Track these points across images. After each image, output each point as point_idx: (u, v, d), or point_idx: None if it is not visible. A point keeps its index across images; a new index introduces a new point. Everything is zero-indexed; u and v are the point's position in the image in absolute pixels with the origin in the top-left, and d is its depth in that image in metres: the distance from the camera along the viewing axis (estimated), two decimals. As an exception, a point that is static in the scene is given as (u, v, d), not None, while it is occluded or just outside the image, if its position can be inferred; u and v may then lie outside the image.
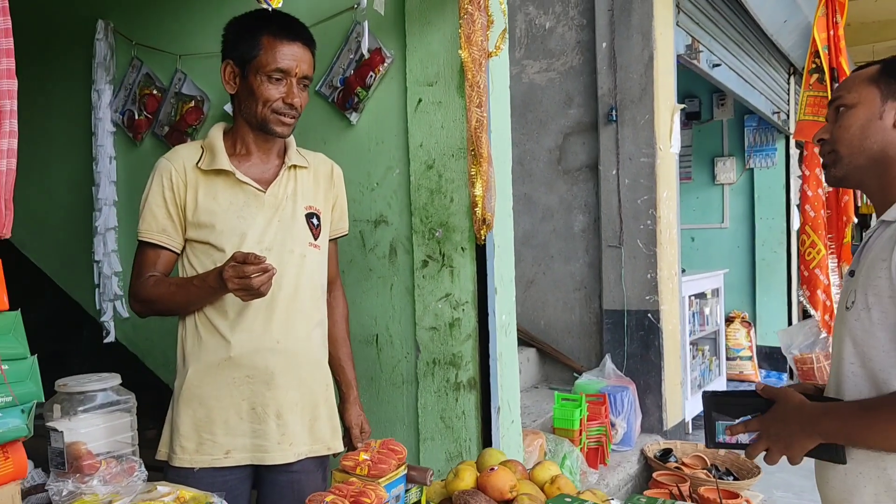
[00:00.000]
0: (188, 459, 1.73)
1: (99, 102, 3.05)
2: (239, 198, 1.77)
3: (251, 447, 1.75)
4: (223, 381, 1.74)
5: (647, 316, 4.38)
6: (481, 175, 2.17)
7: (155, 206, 1.77)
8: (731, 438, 1.45)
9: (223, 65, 1.79)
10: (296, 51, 1.74)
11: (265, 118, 1.75)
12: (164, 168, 1.78)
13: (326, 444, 1.85)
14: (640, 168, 4.32)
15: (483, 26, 2.18)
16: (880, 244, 1.32)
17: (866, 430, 1.26)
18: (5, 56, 1.03)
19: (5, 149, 1.03)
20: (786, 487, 4.21)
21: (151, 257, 1.79)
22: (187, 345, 1.78)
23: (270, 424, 1.75)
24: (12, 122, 1.03)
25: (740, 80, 5.69)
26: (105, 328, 3.16)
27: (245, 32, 1.75)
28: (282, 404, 1.77)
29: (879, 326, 1.27)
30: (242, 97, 1.77)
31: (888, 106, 1.37)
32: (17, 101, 1.03)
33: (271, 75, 1.72)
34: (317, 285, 1.88)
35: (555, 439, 3.34)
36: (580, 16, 4.51)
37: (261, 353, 1.75)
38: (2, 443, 1.16)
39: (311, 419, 1.83)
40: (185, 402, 1.75)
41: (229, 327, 1.74)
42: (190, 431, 1.74)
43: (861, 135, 1.38)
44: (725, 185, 7.49)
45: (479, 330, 2.37)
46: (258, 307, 1.74)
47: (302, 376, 1.81)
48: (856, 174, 1.43)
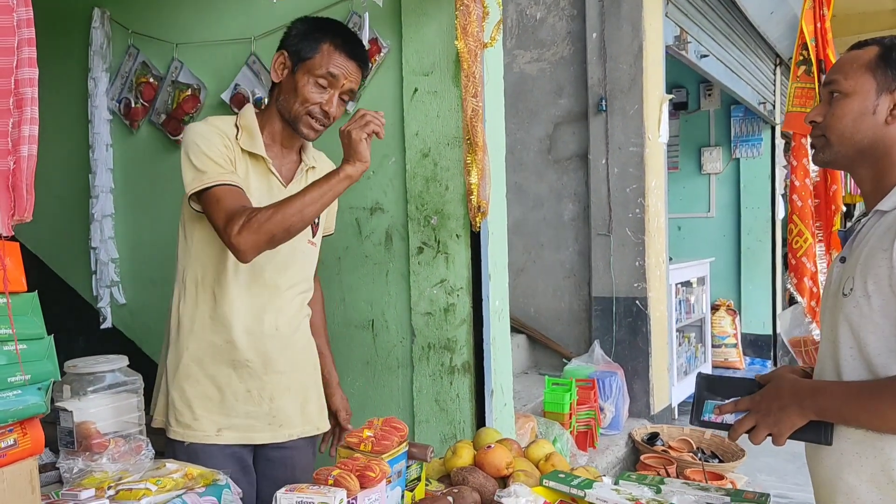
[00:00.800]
0: (181, 433, 1.79)
1: (95, 90, 3.07)
2: (264, 185, 1.82)
3: (243, 427, 1.82)
4: (223, 363, 1.80)
5: (634, 303, 4.45)
6: (476, 163, 2.22)
7: (216, 156, 1.71)
8: (717, 418, 1.46)
9: (277, 53, 1.82)
10: (350, 66, 1.80)
11: (298, 117, 1.79)
12: (208, 130, 1.75)
13: (316, 425, 1.95)
14: (629, 157, 4.39)
15: (479, 17, 2.22)
16: (878, 233, 1.35)
17: (866, 412, 1.29)
18: (27, 45, 1.07)
19: (27, 135, 1.06)
20: (769, 471, 4.31)
21: (236, 194, 1.69)
22: (185, 322, 1.81)
23: (263, 407, 1.83)
24: (33, 110, 1.07)
25: (727, 70, 5.77)
26: (102, 314, 3.19)
27: (310, 33, 1.80)
28: (275, 388, 1.84)
29: (880, 314, 1.30)
30: (284, 89, 1.81)
31: (882, 100, 1.38)
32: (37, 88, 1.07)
33: (318, 80, 1.77)
34: (309, 278, 1.97)
35: (545, 423, 3.42)
36: (571, 6, 4.56)
37: (261, 339, 1.81)
38: (21, 419, 1.20)
39: (303, 402, 1.90)
40: (183, 379, 1.80)
41: (230, 311, 1.78)
42: (184, 407, 1.80)
43: (853, 127, 1.40)
44: (712, 174, 7.58)
45: (473, 315, 2.42)
46: (260, 293, 1.81)
47: (295, 362, 1.89)
48: (843, 161, 1.46)
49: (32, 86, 1.07)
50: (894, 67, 1.38)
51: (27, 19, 1.07)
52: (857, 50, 1.45)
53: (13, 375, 1.17)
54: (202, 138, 1.74)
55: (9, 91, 1.05)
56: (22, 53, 1.06)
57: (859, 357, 1.34)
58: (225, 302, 1.79)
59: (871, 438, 1.31)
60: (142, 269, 3.21)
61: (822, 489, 1.43)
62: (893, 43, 1.42)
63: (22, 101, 1.06)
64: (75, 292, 3.34)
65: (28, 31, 1.07)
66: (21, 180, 1.09)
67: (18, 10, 1.06)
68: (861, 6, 7.21)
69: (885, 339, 1.30)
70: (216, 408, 1.80)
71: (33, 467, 1.26)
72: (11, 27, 1.06)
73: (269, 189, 1.82)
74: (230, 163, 1.75)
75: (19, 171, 1.07)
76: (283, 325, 1.85)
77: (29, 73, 1.07)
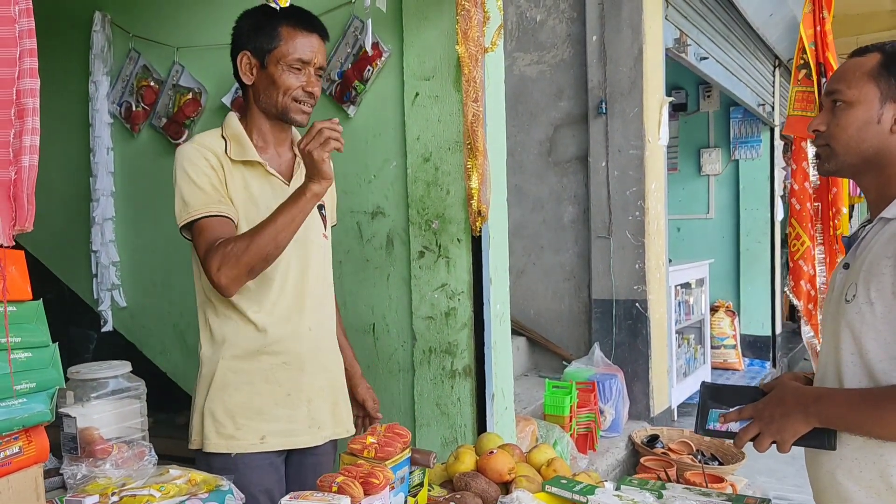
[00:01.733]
0: (224, 445, 1.75)
1: (96, 94, 3.07)
2: (267, 189, 1.81)
3: (284, 432, 1.80)
4: (260, 368, 1.77)
5: (634, 305, 4.46)
6: (477, 168, 2.23)
7: (203, 184, 1.72)
8: (721, 426, 1.47)
9: (239, 56, 1.80)
10: (314, 41, 1.79)
11: (286, 107, 1.78)
12: (196, 152, 1.75)
13: (345, 427, 1.93)
14: (629, 160, 4.39)
15: (479, 22, 2.23)
16: (882, 240, 1.36)
17: (869, 419, 1.30)
18: (28, 56, 1.07)
19: (28, 145, 1.07)
20: (769, 473, 4.32)
21: (217, 227, 1.71)
22: (217, 334, 1.79)
23: (302, 409, 1.81)
24: (35, 120, 1.07)
25: (727, 72, 5.78)
26: (102, 317, 3.20)
27: (263, 24, 1.77)
28: (312, 389, 1.83)
29: (882, 320, 1.31)
30: (261, 87, 1.79)
31: (886, 108, 1.39)
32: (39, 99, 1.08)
33: (292, 65, 1.76)
34: (329, 273, 1.96)
35: (546, 425, 3.42)
36: (571, 9, 4.57)
37: (295, 340, 1.80)
38: (26, 427, 1.21)
39: (334, 403, 1.89)
40: (220, 389, 1.77)
41: (264, 316, 1.77)
42: (226, 418, 1.76)
43: (858, 137, 1.40)
44: (711, 175, 7.59)
45: (474, 319, 2.43)
46: (291, 294, 1.80)
47: (326, 362, 1.88)
48: (849, 170, 1.47)
49: (34, 96, 1.07)
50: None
51: (29, 30, 1.07)
52: (858, 57, 1.45)
53: (19, 384, 1.17)
54: (190, 164, 1.74)
55: (10, 101, 1.06)
56: (24, 64, 1.06)
57: (860, 363, 1.35)
58: (255, 307, 1.77)
59: (871, 445, 1.33)
60: (142, 273, 3.21)
61: (821, 494, 1.44)
62: (895, 50, 1.42)
63: (23, 112, 1.06)
64: (76, 295, 3.35)
65: (30, 41, 1.07)
66: (22, 190, 1.10)
67: (21, 21, 1.06)
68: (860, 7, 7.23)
69: (887, 346, 1.31)
70: (257, 415, 1.77)
71: (38, 474, 1.27)
72: (13, 38, 1.06)
73: (273, 190, 1.82)
74: (218, 187, 1.74)
75: (20, 181, 1.07)
76: (315, 324, 1.85)
77: (30, 84, 1.07)
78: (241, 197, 1.78)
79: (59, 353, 1.27)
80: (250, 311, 1.77)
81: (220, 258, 1.64)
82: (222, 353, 1.79)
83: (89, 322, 3.26)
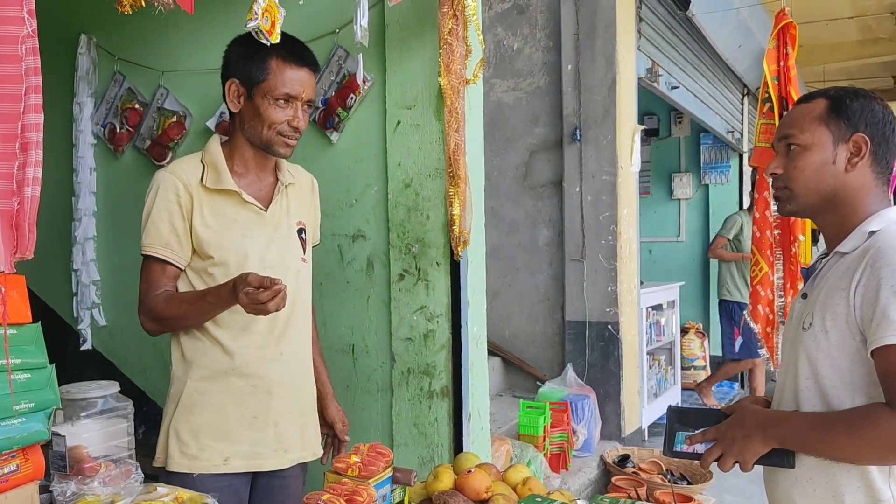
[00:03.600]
0: (187, 465, 1.78)
1: (80, 115, 3.11)
2: (242, 216, 1.83)
3: (249, 454, 1.82)
4: (227, 390, 1.80)
5: (607, 327, 4.56)
6: (459, 195, 2.31)
7: (159, 220, 1.78)
8: (688, 448, 1.55)
9: (228, 83, 1.82)
10: (303, 76, 1.80)
11: (270, 140, 1.81)
12: (168, 183, 1.79)
13: (312, 451, 1.96)
14: (603, 186, 4.51)
15: (462, 55, 2.32)
16: (837, 273, 1.45)
17: (822, 442, 1.37)
18: (33, 92, 1.13)
19: (31, 177, 1.13)
20: (736, 492, 4.41)
21: (157, 272, 1.81)
22: (187, 354, 1.83)
23: (269, 433, 1.83)
24: (38, 153, 1.13)
25: (697, 101, 5.94)
26: (82, 336, 3.21)
27: (253, 54, 1.78)
28: (280, 413, 1.85)
29: (837, 348, 1.40)
30: (247, 117, 1.81)
31: (839, 149, 1.48)
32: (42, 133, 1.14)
33: (278, 99, 1.77)
34: (307, 297, 1.99)
35: (520, 445, 3.49)
36: (547, 38, 4.69)
37: (264, 364, 1.83)
38: (24, 446, 1.26)
39: (303, 426, 1.92)
40: (187, 409, 1.81)
41: (233, 338, 1.81)
42: (190, 438, 1.80)
43: (816, 178, 1.49)
44: (682, 199, 7.75)
45: (451, 341, 2.49)
46: (263, 319, 1.82)
47: (297, 386, 1.91)
48: (808, 211, 1.56)
49: (38, 131, 1.13)
50: (845, 118, 1.49)
51: (34, 68, 1.13)
52: (806, 104, 1.55)
53: (18, 404, 1.22)
54: (159, 194, 1.81)
55: (15, 136, 1.12)
56: (29, 100, 1.13)
57: (816, 388, 1.44)
58: (228, 330, 1.81)
59: (824, 465, 1.41)
60: (123, 292, 3.23)
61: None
62: (839, 94, 1.53)
63: (28, 145, 1.12)
64: (56, 314, 3.36)
65: (35, 78, 1.13)
66: (24, 220, 1.15)
67: (27, 59, 1.12)
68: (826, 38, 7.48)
69: (840, 373, 1.40)
70: (222, 436, 1.79)
71: (34, 492, 1.31)
72: (20, 75, 1.12)
73: (249, 218, 1.84)
74: (176, 225, 1.79)
75: (23, 211, 1.13)
76: (287, 349, 1.88)
77: (35, 119, 1.13)
78: (216, 223, 1.80)
79: (55, 375, 1.32)
80: (219, 334, 1.81)
81: (146, 310, 1.82)
82: (191, 374, 1.82)
83: (68, 340, 3.27)
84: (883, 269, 1.34)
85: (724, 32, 5.72)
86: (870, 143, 1.47)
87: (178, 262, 1.82)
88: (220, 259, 1.81)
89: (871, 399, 1.37)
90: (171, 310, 1.78)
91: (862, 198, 1.49)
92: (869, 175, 1.49)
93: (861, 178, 1.49)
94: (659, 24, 5.08)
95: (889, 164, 1.51)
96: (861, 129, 1.48)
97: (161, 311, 1.79)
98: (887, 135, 1.49)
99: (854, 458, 1.37)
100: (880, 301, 1.32)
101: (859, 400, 1.38)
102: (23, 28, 1.10)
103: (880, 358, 1.32)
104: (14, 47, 1.12)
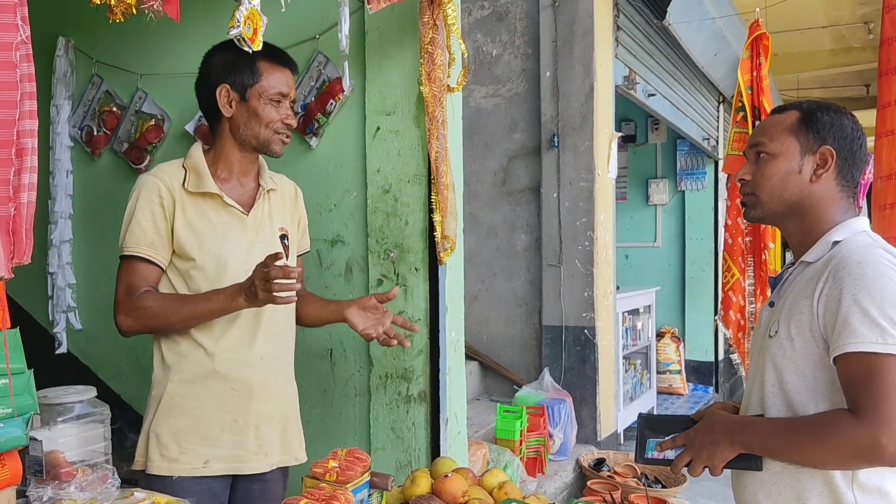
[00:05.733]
0: (167, 468, 1.79)
1: (57, 117, 3.09)
2: (224, 220, 1.86)
3: (230, 458, 1.83)
4: (207, 393, 1.82)
5: (583, 332, 4.60)
6: (441, 203, 2.33)
7: (143, 220, 1.80)
8: (658, 454, 1.57)
9: (219, 89, 1.86)
10: (288, 76, 1.90)
11: (267, 139, 1.87)
12: (151, 184, 1.82)
13: (294, 455, 1.97)
14: (580, 192, 4.55)
15: (444, 64, 2.34)
16: (802, 282, 1.49)
17: (787, 447, 1.41)
18: (28, 98, 1.14)
19: (27, 182, 1.14)
20: (709, 495, 4.47)
21: (142, 271, 1.81)
22: (168, 357, 1.84)
23: (250, 436, 1.85)
24: (33, 159, 1.14)
25: (674, 108, 6.01)
26: (57, 339, 3.19)
27: (239, 59, 1.84)
28: (261, 416, 1.86)
29: (801, 356, 1.44)
30: (241, 120, 1.86)
31: (806, 160, 1.52)
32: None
33: (272, 98, 1.85)
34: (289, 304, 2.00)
35: (497, 449, 3.51)
36: (526, 45, 4.73)
37: (245, 368, 1.84)
38: (2, 452, 1.25)
39: (283, 431, 1.93)
40: (167, 412, 1.82)
41: (214, 341, 1.82)
42: (170, 441, 1.80)
43: (781, 186, 1.53)
44: (658, 205, 7.82)
45: (430, 346, 2.51)
46: (243, 324, 1.84)
47: (278, 390, 1.92)
48: (773, 218, 1.60)
49: (33, 137, 1.14)
50: (815, 130, 1.53)
51: (29, 74, 1.14)
52: (778, 114, 1.60)
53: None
54: (142, 196, 1.82)
55: (11, 142, 1.13)
56: (24, 106, 1.13)
57: (781, 394, 1.48)
58: (208, 333, 1.82)
59: (789, 470, 1.45)
60: (99, 295, 3.21)
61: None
62: (811, 107, 1.57)
63: (23, 151, 1.13)
64: (31, 317, 3.33)
65: (29, 84, 1.14)
66: (21, 225, 1.16)
67: (21, 65, 1.13)
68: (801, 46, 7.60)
69: (805, 379, 1.44)
70: (202, 439, 1.81)
71: (11, 497, 1.31)
72: (14, 82, 1.13)
73: (230, 221, 1.87)
74: (159, 226, 1.81)
75: (19, 216, 1.14)
76: (268, 353, 1.89)
77: (30, 125, 1.14)
78: (198, 225, 1.83)
79: (34, 380, 1.32)
80: (200, 337, 1.82)
81: (130, 308, 1.78)
82: (171, 377, 1.83)
83: (43, 344, 3.24)
84: (845, 278, 1.38)
85: (700, 41, 5.80)
86: (836, 156, 1.51)
87: (161, 263, 1.83)
88: (201, 261, 1.83)
89: (835, 405, 1.40)
90: (158, 306, 1.77)
91: (826, 208, 1.53)
92: (833, 187, 1.53)
93: (825, 189, 1.53)
94: (636, 33, 5.15)
95: (855, 177, 1.56)
96: (829, 142, 1.52)
97: (149, 309, 1.77)
98: (854, 150, 1.53)
99: (818, 463, 1.40)
100: (842, 310, 1.36)
101: (823, 406, 1.42)
102: (17, 35, 1.11)
103: (842, 365, 1.36)
104: (8, 54, 1.13)
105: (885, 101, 2.51)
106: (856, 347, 1.33)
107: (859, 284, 1.36)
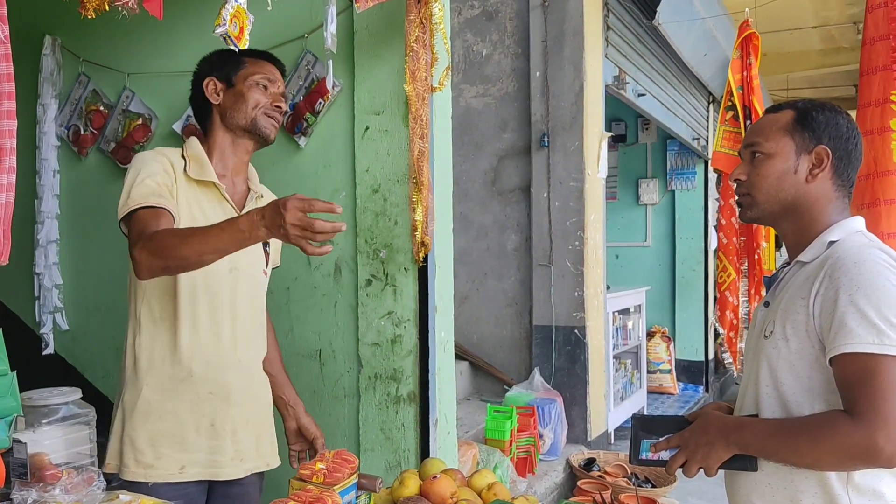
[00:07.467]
0: (143, 474, 1.76)
1: (44, 116, 3.06)
2: (217, 213, 1.84)
3: (206, 462, 1.80)
4: (184, 398, 1.79)
5: (573, 332, 4.60)
6: (422, 201, 2.33)
7: (149, 180, 1.71)
8: (653, 455, 1.56)
9: (206, 81, 1.90)
10: (274, 70, 1.94)
11: (255, 119, 1.87)
12: (153, 156, 1.80)
13: (266, 461, 1.96)
14: (570, 192, 4.55)
15: (427, 63, 2.33)
16: (797, 283, 1.48)
17: (782, 447, 1.40)
18: (6, 98, 1.13)
19: (5, 183, 1.12)
20: (699, 495, 4.48)
21: (153, 217, 1.66)
22: (142, 358, 1.80)
23: (226, 441, 1.82)
24: (11, 159, 1.13)
25: (663, 108, 6.02)
26: (44, 340, 3.16)
27: (227, 56, 1.90)
28: (237, 421, 1.85)
29: (797, 356, 1.43)
30: (229, 105, 1.88)
31: (801, 160, 1.51)
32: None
33: (259, 82, 1.88)
34: (263, 308, 2.01)
35: (487, 449, 3.50)
36: (516, 45, 4.73)
37: (222, 370, 1.82)
38: (-17, 454, 1.24)
39: (258, 436, 1.92)
40: (143, 416, 1.78)
41: (191, 345, 1.79)
42: (146, 446, 1.77)
43: (777, 186, 1.52)
44: (649, 205, 7.84)
45: (419, 346, 2.50)
46: (222, 324, 1.82)
47: (254, 394, 1.91)
48: (769, 218, 1.59)
49: (11, 137, 1.13)
50: (810, 129, 1.52)
51: (7, 74, 1.13)
52: (773, 114, 1.59)
53: (-22, 411, 1.21)
54: (144, 165, 1.77)
55: (-11, 142, 1.11)
56: (2, 106, 1.12)
57: (776, 395, 1.47)
58: (184, 334, 1.79)
59: (783, 471, 1.44)
60: (86, 296, 3.19)
61: None
62: (806, 107, 1.56)
63: (1, 151, 1.12)
64: (17, 317, 3.31)
65: (8, 84, 1.13)
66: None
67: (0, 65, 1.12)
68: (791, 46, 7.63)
69: (800, 380, 1.43)
70: (178, 444, 1.78)
71: (-8, 500, 1.29)
72: (-9, 82, 1.12)
73: (224, 215, 1.85)
74: (166, 185, 1.75)
75: (-3, 216, 1.12)
76: (245, 356, 1.88)
77: (8, 125, 1.13)
78: (192, 212, 1.81)
79: (17, 382, 1.30)
80: (177, 338, 1.79)
81: (144, 242, 1.60)
82: (146, 381, 1.80)
83: (30, 345, 3.22)
84: (841, 278, 1.38)
85: (690, 41, 5.81)
86: (832, 156, 1.51)
87: (173, 211, 1.73)
88: None
89: (830, 406, 1.40)
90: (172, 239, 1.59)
91: (822, 208, 1.53)
92: (829, 186, 1.53)
93: (821, 188, 1.52)
94: (626, 33, 5.15)
95: (850, 177, 1.55)
96: (824, 141, 1.51)
97: (162, 240, 1.59)
98: (850, 149, 1.53)
99: (813, 464, 1.39)
100: (838, 310, 1.36)
101: (818, 406, 1.42)
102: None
103: (838, 366, 1.36)
104: (-13, 54, 1.12)
105: (866, 100, 2.51)
106: (852, 348, 1.33)
107: (856, 285, 1.36)
